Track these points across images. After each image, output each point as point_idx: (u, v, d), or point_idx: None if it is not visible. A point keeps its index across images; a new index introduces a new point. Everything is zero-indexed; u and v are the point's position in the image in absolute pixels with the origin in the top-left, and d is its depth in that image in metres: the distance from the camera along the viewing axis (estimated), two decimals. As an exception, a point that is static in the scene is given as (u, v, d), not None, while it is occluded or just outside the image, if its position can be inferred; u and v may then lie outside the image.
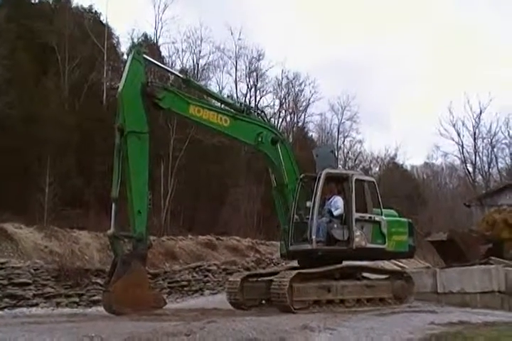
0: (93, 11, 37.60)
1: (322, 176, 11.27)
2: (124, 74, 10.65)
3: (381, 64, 77.85)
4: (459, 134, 44.77)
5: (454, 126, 44.88)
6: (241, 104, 12.56)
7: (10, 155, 25.36)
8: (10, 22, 29.98)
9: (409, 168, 56.22)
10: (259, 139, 11.59)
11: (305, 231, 11.05)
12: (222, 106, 12.25)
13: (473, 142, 44.79)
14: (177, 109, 11.04)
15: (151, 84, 10.82)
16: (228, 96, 35.40)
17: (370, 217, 11.38)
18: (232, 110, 11.74)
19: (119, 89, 10.61)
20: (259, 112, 12.73)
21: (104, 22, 37.01)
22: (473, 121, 44.66)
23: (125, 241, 10.48)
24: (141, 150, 10.28)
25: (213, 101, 13.13)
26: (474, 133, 44.62)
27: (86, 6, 37.26)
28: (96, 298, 13.36)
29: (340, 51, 75.43)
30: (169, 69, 12.01)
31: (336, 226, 11.12)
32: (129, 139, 10.12)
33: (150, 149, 10.48)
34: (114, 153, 10.23)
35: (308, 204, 11.30)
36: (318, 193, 11.14)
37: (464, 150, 44.97)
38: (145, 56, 10.92)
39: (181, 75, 12.80)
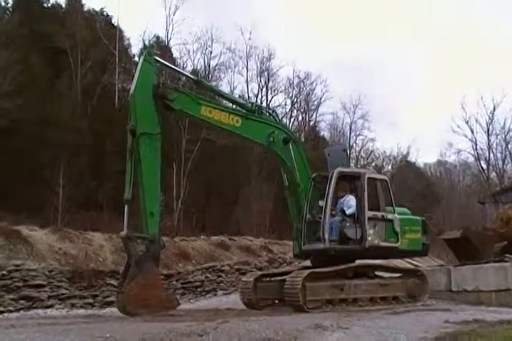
0: (104, 13, 37.88)
1: (334, 175, 11.24)
2: (136, 76, 10.70)
3: (391, 63, 77.66)
4: (472, 131, 44.52)
5: (467, 122, 44.63)
6: (252, 104, 12.54)
7: (23, 158, 25.60)
8: (23, 26, 30.29)
9: (422, 166, 55.99)
10: (271, 139, 11.57)
11: (318, 230, 11.02)
12: (234, 106, 12.25)
13: (486, 139, 44.52)
14: (188, 110, 11.05)
15: (162, 86, 10.85)
16: (240, 97, 35.45)
17: (382, 216, 11.32)
18: (243, 110, 11.73)
19: (131, 91, 10.68)
20: (271, 112, 12.73)
21: (115, 24, 37.26)
22: (487, 118, 44.37)
23: (138, 242, 10.51)
24: (153, 151, 10.32)
25: (225, 101, 13.14)
26: (488, 130, 44.33)
27: (98, 9, 37.54)
28: (110, 299, 13.43)
29: (349, 51, 75.23)
30: (180, 70, 12.01)
31: (348, 225, 11.08)
32: (141, 141, 10.16)
33: (162, 150, 10.52)
34: (127, 154, 10.28)
35: (321, 203, 11.28)
36: (331, 192, 11.11)
37: (478, 147, 44.73)
38: (156, 57, 10.94)
39: (192, 76, 12.81)
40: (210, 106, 11.15)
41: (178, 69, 12.08)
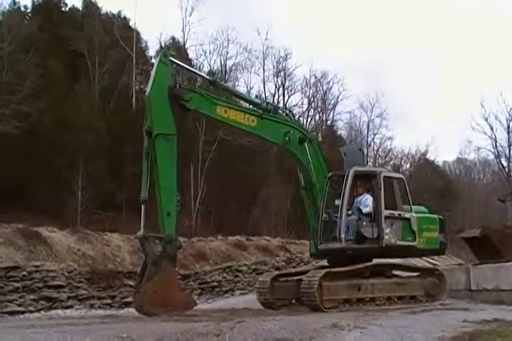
0: (122, 16, 38.24)
1: (350, 174, 11.19)
2: (151, 77, 10.77)
3: (408, 61, 77.10)
4: (492, 128, 44.02)
5: (486, 120, 44.14)
6: (268, 103, 12.54)
7: (43, 160, 25.94)
8: (42, 31, 30.76)
9: (441, 164, 55.58)
10: (287, 138, 11.54)
11: (334, 229, 10.96)
12: (250, 106, 12.25)
13: (506, 136, 44.00)
14: (204, 110, 11.06)
15: (177, 87, 10.91)
16: (256, 97, 35.49)
17: (399, 214, 11.23)
18: (259, 110, 11.74)
19: (147, 93, 10.72)
20: (287, 112, 12.72)
21: (132, 27, 37.56)
22: (507, 114, 43.83)
23: (155, 242, 10.57)
24: (169, 152, 10.36)
25: (241, 101, 13.14)
26: (508, 127, 43.81)
27: (115, 12, 37.87)
28: (128, 299, 13.51)
29: (365, 49, 74.78)
30: (196, 71, 12.06)
31: (365, 224, 11.00)
32: (157, 141, 10.19)
33: (178, 151, 10.56)
34: (143, 155, 10.32)
35: (337, 202, 11.23)
36: (347, 191, 11.05)
37: (498, 144, 44.18)
38: (172, 58, 10.98)
39: (207, 77, 12.83)
40: (226, 106, 11.16)
41: (194, 70, 12.12)
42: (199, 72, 12.23)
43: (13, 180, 24.72)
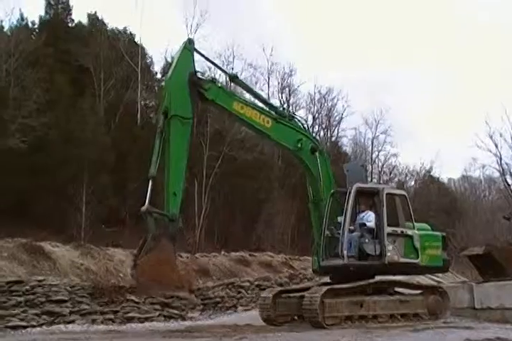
0: (127, 32, 38.51)
1: (353, 191, 11.24)
2: (174, 62, 11.02)
3: (412, 78, 77.32)
4: (496, 146, 43.71)
5: (491, 137, 43.90)
6: (284, 109, 12.67)
7: (47, 175, 26.02)
8: (48, 46, 31.08)
9: (446, 181, 55.33)
10: (299, 145, 11.64)
11: (336, 246, 10.98)
12: (266, 108, 12.21)
13: (512, 153, 43.72)
14: (221, 102, 11.18)
15: (198, 74, 11.02)
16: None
17: (402, 231, 11.25)
18: (274, 114, 11.83)
19: (168, 75, 10.98)
20: (303, 121, 12.81)
21: (138, 42, 37.85)
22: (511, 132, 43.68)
23: (157, 218, 10.34)
24: (182, 135, 10.49)
25: (256, 101, 13.10)
26: (513, 144, 43.54)
27: (121, 27, 38.19)
28: (130, 314, 13.47)
29: (370, 66, 75.04)
30: (217, 64, 12.16)
31: (367, 240, 11.02)
32: (173, 123, 10.32)
33: (191, 138, 10.64)
34: (156, 133, 10.41)
35: (340, 219, 11.26)
36: (349, 208, 11.10)
37: (503, 161, 43.97)
38: (195, 47, 11.14)
39: (228, 72, 12.82)
40: (243, 102, 11.38)
41: (215, 63, 12.16)
42: (220, 66, 12.29)
43: (18, 194, 24.81)
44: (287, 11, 73.50)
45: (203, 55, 11.76)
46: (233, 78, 12.42)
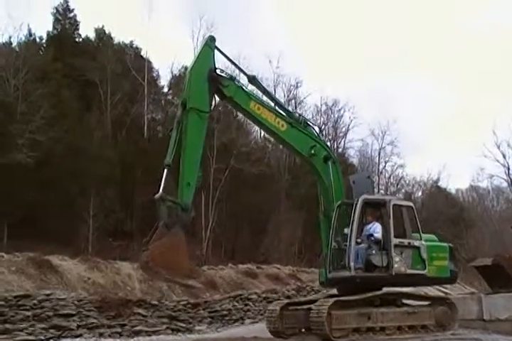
0: (134, 46, 38.88)
1: (359, 202, 11.21)
2: (195, 56, 11.16)
3: (419, 88, 77.37)
4: (504, 156, 43.68)
5: (498, 147, 43.88)
6: (300, 115, 12.72)
7: (55, 189, 26.16)
8: (56, 61, 31.41)
9: (453, 192, 55.09)
10: (312, 151, 11.69)
11: (343, 258, 10.95)
12: (281, 112, 12.20)
13: (519, 164, 43.52)
14: (239, 100, 11.31)
15: (218, 71, 11.08)
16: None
17: (409, 243, 11.19)
18: (289, 118, 11.91)
19: (189, 68, 11.17)
20: (318, 130, 12.79)
21: (144, 56, 38.15)
22: (519, 142, 43.48)
23: (170, 205, 10.33)
24: (199, 128, 10.59)
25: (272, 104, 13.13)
26: (521, 155, 43.37)
27: (127, 41, 38.55)
28: (138, 328, 13.48)
29: (376, 77, 75.24)
30: (237, 64, 12.24)
31: (374, 252, 10.98)
32: (190, 115, 10.45)
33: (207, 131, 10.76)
34: (174, 124, 10.63)
35: (346, 230, 11.23)
36: (356, 219, 11.06)
37: (511, 171, 43.84)
38: (216, 45, 11.24)
39: (247, 73, 12.83)
40: (260, 103, 11.49)
41: (234, 62, 12.23)
42: (239, 66, 12.38)
43: (25, 208, 24.93)
44: (293, 23, 73.95)
45: (223, 53, 11.74)
46: (252, 79, 12.48)
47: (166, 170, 10.22)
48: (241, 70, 12.41)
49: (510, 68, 77.11)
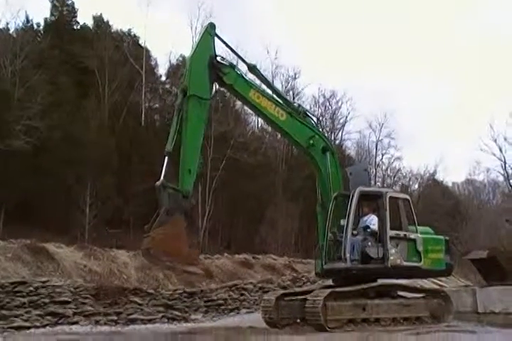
0: (132, 34, 38.64)
1: (356, 194, 11.21)
2: (196, 43, 11.13)
3: (416, 81, 77.28)
4: (500, 149, 43.73)
5: (495, 141, 43.90)
6: (299, 105, 12.69)
7: (52, 177, 26.12)
8: (53, 48, 31.25)
9: (450, 185, 55.25)
10: (311, 142, 11.70)
11: (339, 249, 10.98)
12: (281, 101, 12.18)
13: (516, 157, 43.70)
14: (238, 88, 11.30)
15: (219, 58, 11.08)
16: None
17: (404, 235, 11.23)
18: (289, 108, 11.90)
19: (189, 55, 11.14)
20: (316, 121, 12.83)
21: (142, 45, 37.94)
22: (516, 135, 43.57)
23: (170, 192, 10.35)
24: (199, 115, 10.60)
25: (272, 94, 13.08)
26: (517, 148, 43.44)
27: (125, 29, 38.32)
28: (133, 316, 13.50)
29: (374, 70, 74.99)
30: (236, 52, 12.19)
31: (370, 244, 11.00)
32: (191, 102, 10.44)
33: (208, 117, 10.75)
34: (175, 111, 10.65)
35: (342, 222, 11.24)
36: (352, 211, 11.07)
37: (507, 165, 43.91)
38: (217, 33, 11.22)
39: (247, 61, 12.76)
40: (260, 92, 11.50)
41: (234, 50, 12.18)
42: (239, 54, 12.32)
43: (22, 195, 24.91)
44: (292, 14, 73.60)
45: (223, 41, 11.70)
46: (252, 68, 12.42)
47: (166, 158, 10.20)
48: (241, 58, 12.31)
49: (507, 62, 77.06)
